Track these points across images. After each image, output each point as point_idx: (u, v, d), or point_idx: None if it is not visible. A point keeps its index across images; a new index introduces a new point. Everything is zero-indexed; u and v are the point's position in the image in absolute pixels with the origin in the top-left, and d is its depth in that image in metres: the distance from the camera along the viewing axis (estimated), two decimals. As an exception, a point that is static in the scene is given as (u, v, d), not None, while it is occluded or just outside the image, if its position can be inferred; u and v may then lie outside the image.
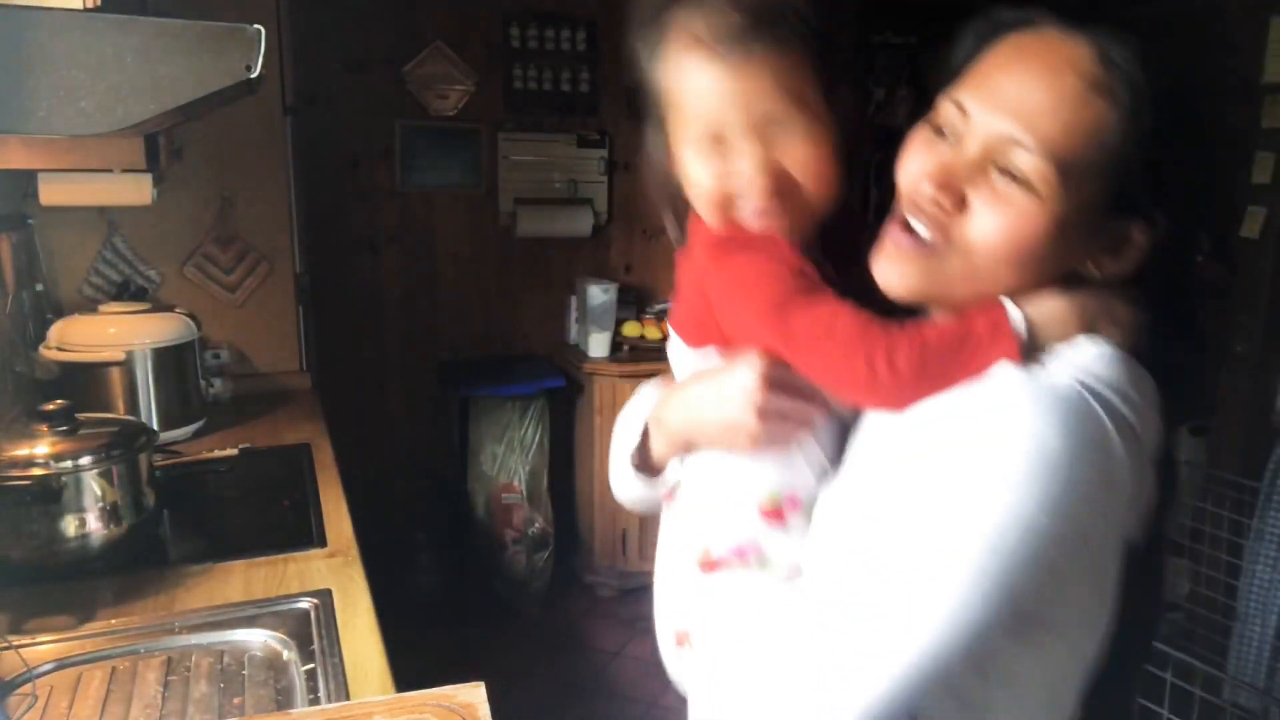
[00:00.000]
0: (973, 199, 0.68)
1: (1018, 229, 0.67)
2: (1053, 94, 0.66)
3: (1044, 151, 0.65)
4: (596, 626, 3.21)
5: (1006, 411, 0.64)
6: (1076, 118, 0.65)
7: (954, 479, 0.64)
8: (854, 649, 0.64)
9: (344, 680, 1.12)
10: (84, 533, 1.39)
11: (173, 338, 2.06)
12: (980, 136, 0.68)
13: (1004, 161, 0.67)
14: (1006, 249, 0.67)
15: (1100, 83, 0.66)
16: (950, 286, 0.71)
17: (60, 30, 0.81)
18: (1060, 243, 0.68)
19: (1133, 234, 0.69)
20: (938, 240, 0.69)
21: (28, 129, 0.86)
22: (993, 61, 0.71)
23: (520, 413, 3.28)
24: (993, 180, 0.68)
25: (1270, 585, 2.33)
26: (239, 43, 0.86)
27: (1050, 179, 0.65)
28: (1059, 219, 0.66)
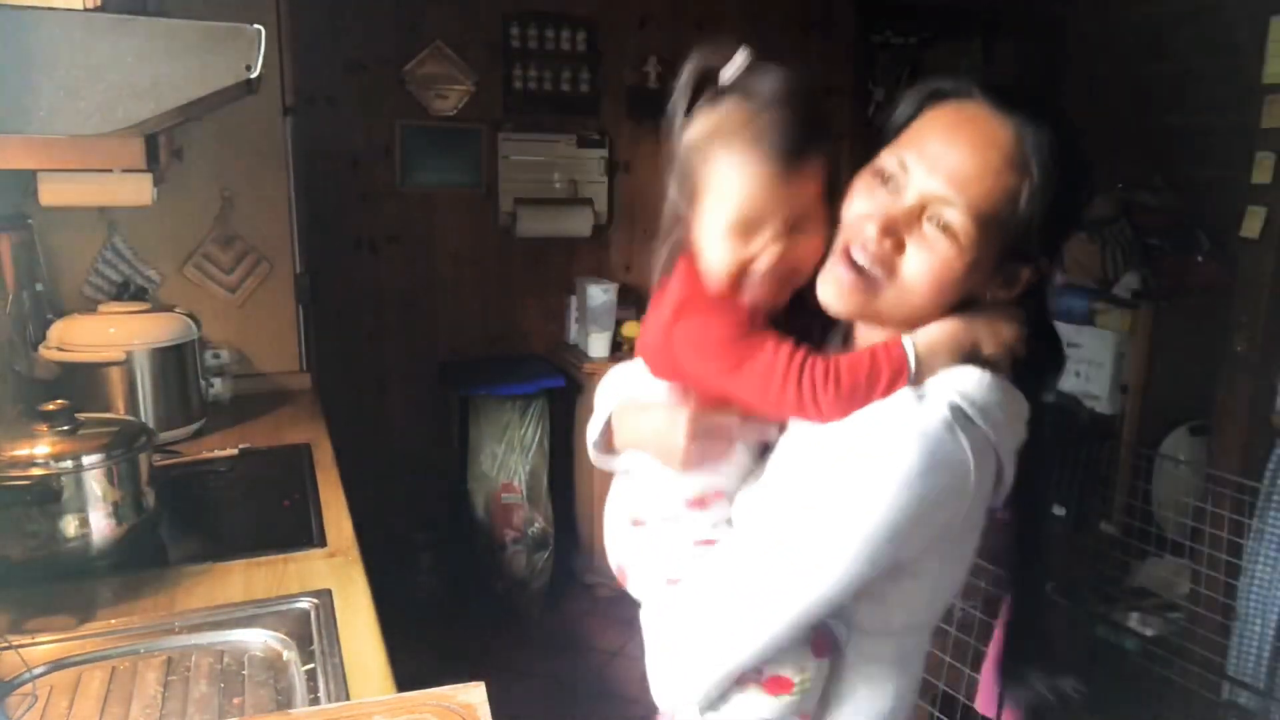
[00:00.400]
0: (908, 242, 0.84)
1: (942, 270, 0.84)
2: (979, 165, 0.82)
3: (968, 211, 0.82)
4: (596, 626, 3.21)
5: (888, 435, 0.81)
6: (995, 185, 0.82)
7: (844, 482, 0.81)
8: (752, 596, 0.84)
9: (344, 680, 1.12)
10: (84, 533, 1.39)
11: (173, 338, 2.06)
12: (917, 190, 0.84)
13: (936, 215, 0.83)
14: (931, 285, 0.84)
15: (1015, 160, 0.82)
16: (881, 310, 0.87)
17: (60, 30, 0.81)
18: (971, 280, 0.85)
19: (1021, 273, 0.88)
20: (876, 273, 0.85)
21: (28, 129, 0.86)
22: (932, 126, 0.86)
23: (520, 413, 3.28)
24: (924, 229, 0.84)
25: (1270, 585, 2.33)
26: (239, 43, 0.86)
27: (970, 233, 0.82)
28: (973, 262, 0.84)
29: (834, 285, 0.87)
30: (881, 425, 0.82)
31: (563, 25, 3.43)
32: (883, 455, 0.80)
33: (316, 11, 2.97)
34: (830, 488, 0.82)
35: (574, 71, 3.47)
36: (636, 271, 3.70)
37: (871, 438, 0.82)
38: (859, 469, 0.81)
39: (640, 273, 3.71)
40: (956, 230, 0.82)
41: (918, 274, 0.84)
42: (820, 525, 0.82)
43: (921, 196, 0.83)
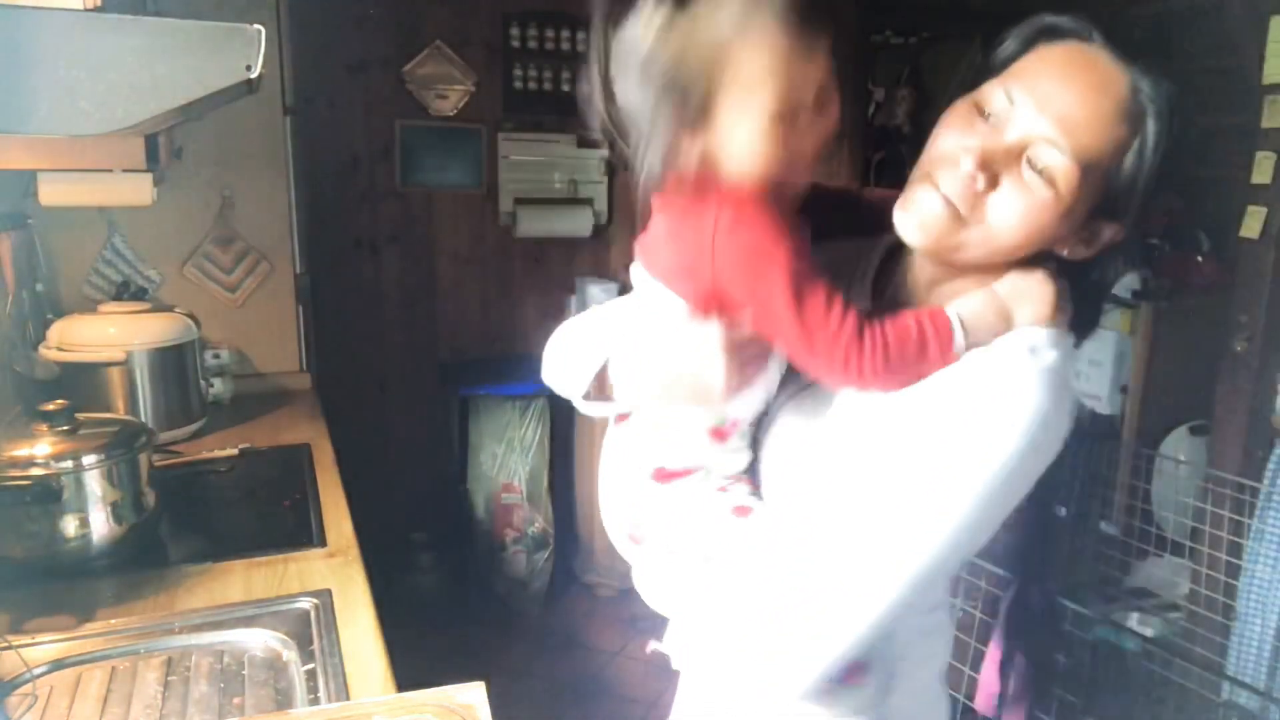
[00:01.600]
0: (1004, 181, 0.78)
1: (1035, 216, 0.78)
2: (1093, 111, 0.77)
3: (1073, 156, 0.76)
4: (596, 626, 3.21)
5: (1010, 379, 0.77)
6: (1105, 134, 0.77)
7: (969, 429, 0.77)
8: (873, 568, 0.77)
9: (344, 680, 1.12)
10: (84, 533, 1.39)
11: (173, 338, 2.06)
12: (1022, 129, 0.78)
13: (1037, 157, 0.77)
14: (1021, 230, 0.79)
15: (1129, 111, 0.77)
16: (963, 250, 0.81)
17: (60, 30, 0.81)
18: (1059, 230, 0.80)
19: (1103, 231, 0.82)
20: (965, 209, 0.79)
21: (28, 129, 0.86)
22: (1045, 64, 0.80)
23: (520, 413, 3.28)
24: (1023, 170, 0.78)
25: (1270, 585, 2.33)
26: (239, 43, 0.86)
27: (1072, 181, 0.77)
28: (1066, 213, 0.78)
29: (917, 216, 0.81)
30: (998, 372, 0.78)
31: (563, 25, 3.43)
32: (1009, 397, 0.76)
33: (316, 11, 2.97)
34: (952, 436, 0.77)
35: (574, 71, 3.47)
36: (636, 271, 3.69)
37: (990, 384, 0.78)
38: (984, 414, 0.76)
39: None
40: (1057, 176, 0.77)
41: (1009, 217, 0.78)
42: (952, 472, 0.76)
43: (1025, 135, 0.77)
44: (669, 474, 0.90)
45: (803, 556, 0.80)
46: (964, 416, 0.77)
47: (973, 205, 0.79)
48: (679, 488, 0.89)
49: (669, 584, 0.90)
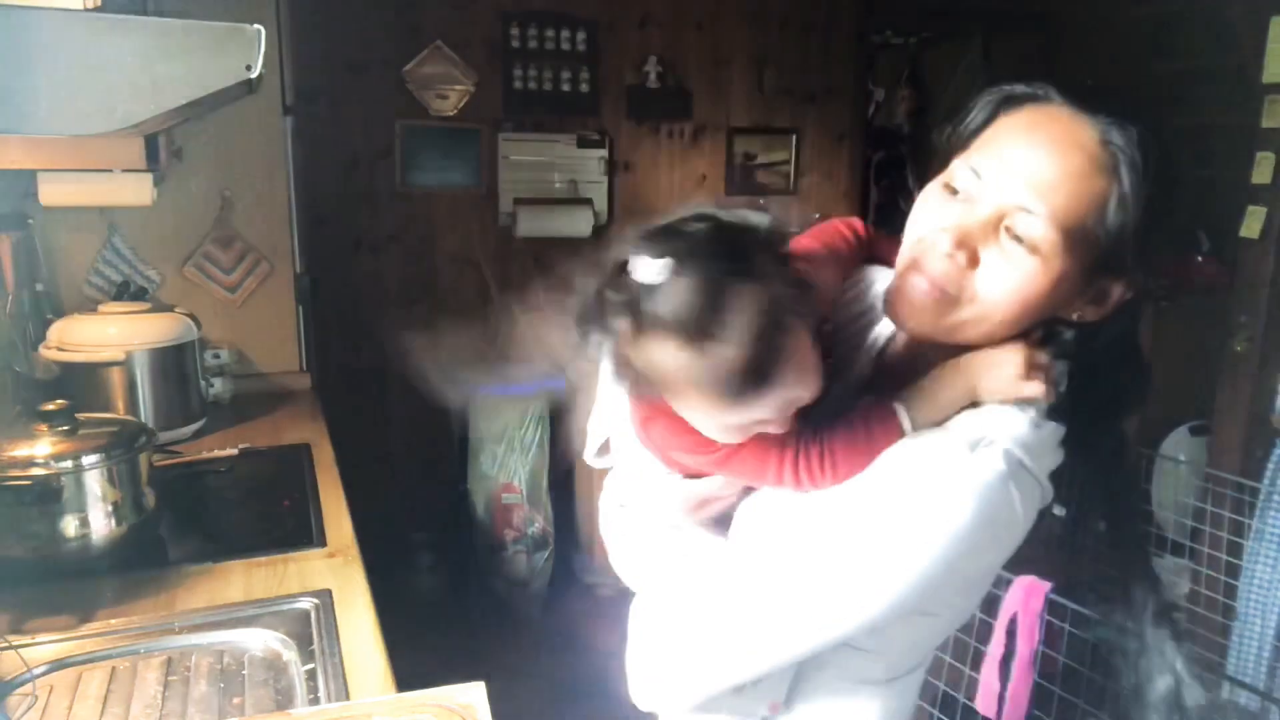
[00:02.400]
0: (983, 257, 0.77)
1: (1023, 286, 0.76)
2: (1062, 169, 0.74)
3: (1051, 220, 0.74)
4: (596, 626, 3.21)
5: (941, 488, 0.76)
6: (1080, 191, 0.74)
7: (887, 527, 0.76)
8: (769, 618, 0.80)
9: (344, 680, 1.12)
10: (84, 533, 1.39)
11: (173, 338, 2.06)
12: (994, 201, 0.76)
13: (1014, 225, 0.75)
14: (1012, 302, 0.77)
15: (1102, 162, 0.74)
16: (961, 330, 0.80)
17: (60, 30, 0.81)
18: (1056, 297, 0.77)
19: (1112, 289, 0.80)
20: (953, 289, 0.77)
21: (28, 129, 0.86)
22: (1006, 132, 0.79)
23: (520, 413, 3.28)
24: (1002, 241, 0.76)
25: (1270, 585, 2.33)
26: (239, 43, 0.86)
27: (1054, 244, 0.74)
28: (1058, 278, 0.76)
29: (906, 304, 0.80)
30: (933, 475, 0.77)
31: (563, 25, 3.42)
32: (934, 507, 0.75)
33: (316, 11, 2.97)
34: (872, 530, 0.77)
35: (574, 71, 3.47)
36: (636, 271, 3.69)
37: (922, 487, 0.76)
38: (905, 516, 0.76)
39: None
40: (1038, 242, 0.74)
41: (997, 291, 0.76)
42: (857, 564, 0.77)
43: (999, 206, 0.76)
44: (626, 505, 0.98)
45: (727, 587, 0.82)
46: (889, 507, 0.77)
47: (959, 285, 0.77)
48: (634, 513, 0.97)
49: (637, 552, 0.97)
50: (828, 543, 0.79)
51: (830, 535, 0.79)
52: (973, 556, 0.78)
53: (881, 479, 0.79)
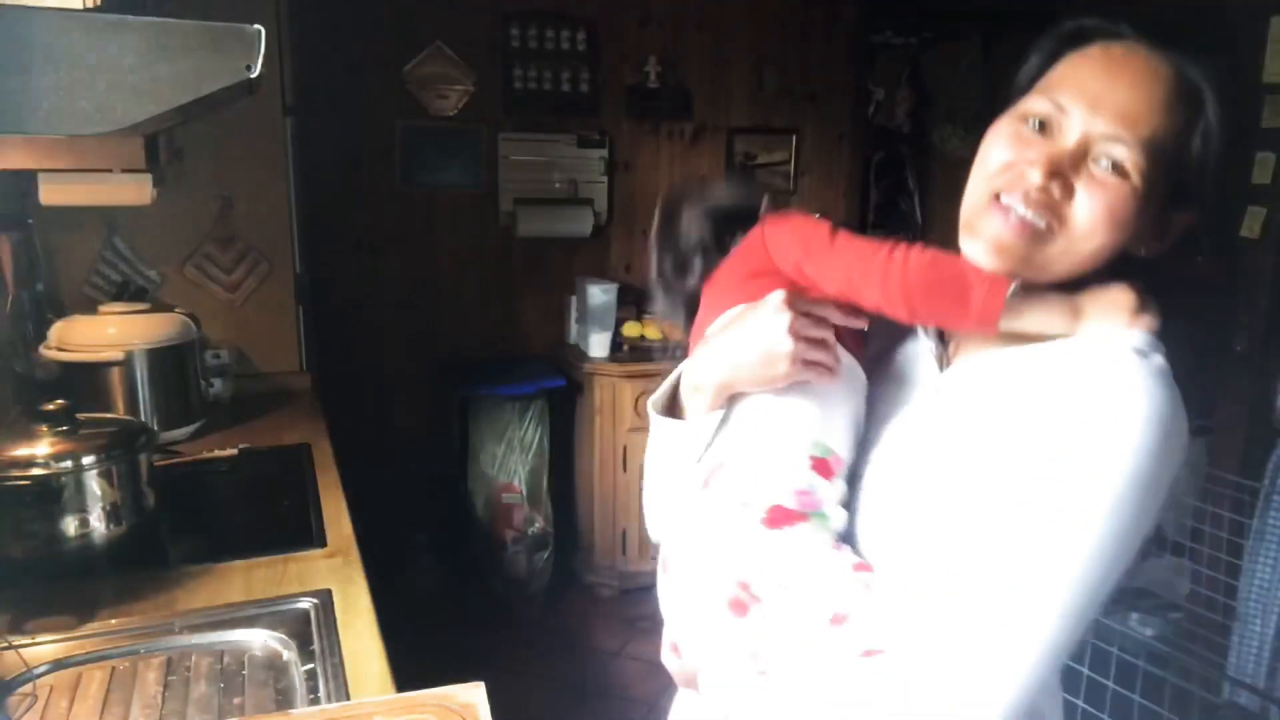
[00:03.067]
0: (1077, 185, 0.77)
1: (1117, 209, 0.76)
2: (1146, 101, 0.76)
3: (1139, 147, 0.76)
4: (596, 626, 3.21)
5: (1129, 389, 0.73)
6: (1165, 120, 0.76)
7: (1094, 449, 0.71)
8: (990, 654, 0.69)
9: (344, 680, 1.12)
10: (84, 533, 1.39)
11: (173, 338, 2.06)
12: (1080, 130, 0.77)
13: (1103, 153, 0.76)
14: (1106, 226, 0.77)
15: (1184, 95, 0.77)
16: (1050, 263, 0.79)
17: (60, 30, 0.81)
18: (1138, 226, 0.78)
19: (1174, 220, 0.80)
20: (1043, 221, 0.77)
21: (28, 129, 0.86)
22: (1084, 68, 0.79)
23: (520, 413, 3.28)
24: (1092, 170, 0.77)
25: (1270, 585, 2.33)
26: (239, 43, 0.86)
27: (1143, 168, 0.76)
28: (1142, 204, 0.77)
29: (992, 239, 0.78)
30: (1111, 375, 0.74)
31: (563, 25, 3.43)
32: (1130, 400, 0.72)
33: (316, 11, 2.97)
34: (1077, 449, 0.71)
35: (574, 71, 3.47)
36: (636, 271, 3.70)
37: (1106, 387, 0.73)
38: (1108, 420, 0.71)
39: (640, 273, 3.71)
40: (1128, 167, 0.75)
41: (1091, 216, 0.76)
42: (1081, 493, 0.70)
43: (1085, 135, 0.76)
44: (785, 514, 0.79)
45: (946, 619, 0.71)
46: (1085, 426, 0.72)
47: (1051, 216, 0.77)
48: (793, 535, 0.79)
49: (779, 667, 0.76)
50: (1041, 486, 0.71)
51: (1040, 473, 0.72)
52: (1174, 453, 0.74)
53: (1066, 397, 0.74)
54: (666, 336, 3.35)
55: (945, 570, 0.73)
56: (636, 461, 3.23)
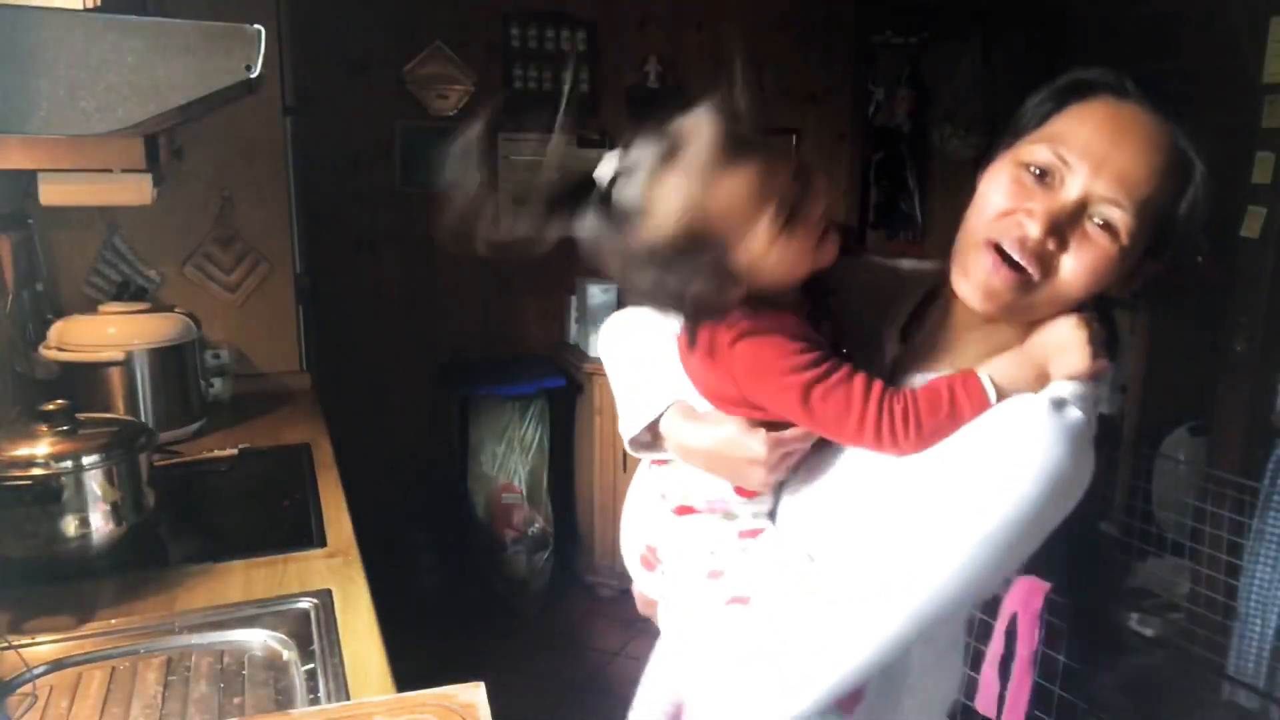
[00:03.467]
0: (1071, 241, 0.81)
1: (1104, 268, 0.81)
2: (1147, 168, 0.80)
3: (1135, 212, 0.80)
4: (596, 626, 3.21)
5: (1032, 434, 0.78)
6: (1159, 186, 0.80)
7: (982, 480, 0.78)
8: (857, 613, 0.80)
9: (344, 680, 1.12)
10: (84, 533, 1.39)
11: (173, 338, 2.06)
12: (1081, 187, 0.81)
13: (1099, 212, 0.80)
14: (1091, 283, 0.82)
15: (1175, 163, 0.81)
16: (1032, 310, 0.84)
17: (60, 30, 0.81)
18: (1119, 277, 0.83)
19: (1147, 268, 0.85)
20: (1034, 271, 0.81)
21: (28, 129, 0.86)
22: (1091, 125, 0.82)
23: (520, 413, 3.28)
24: (1088, 229, 0.81)
25: (1270, 585, 2.33)
26: (239, 43, 0.86)
27: (1133, 233, 0.80)
28: (1127, 263, 0.82)
29: (982, 283, 0.83)
30: (1022, 425, 0.79)
31: (563, 25, 3.43)
32: (1028, 452, 0.77)
33: (316, 11, 2.97)
34: (970, 484, 0.78)
35: (574, 71, 3.47)
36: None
37: (1011, 435, 0.79)
38: (1004, 464, 0.78)
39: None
40: (1120, 229, 0.80)
41: (1079, 273, 0.81)
42: (966, 518, 0.78)
43: (1086, 194, 0.80)
44: (689, 510, 0.94)
45: (814, 581, 0.83)
46: (984, 465, 0.78)
47: (1040, 267, 0.81)
48: (696, 521, 0.93)
49: (679, 610, 0.95)
50: (927, 506, 0.79)
51: (930, 497, 0.80)
52: (1063, 504, 0.80)
53: (974, 439, 0.80)
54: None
55: (826, 550, 0.85)
56: (636, 461, 3.22)
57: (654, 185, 0.83)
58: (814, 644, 0.80)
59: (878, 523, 0.82)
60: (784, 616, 0.83)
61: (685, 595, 0.94)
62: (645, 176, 0.84)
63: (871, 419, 0.81)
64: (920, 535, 0.79)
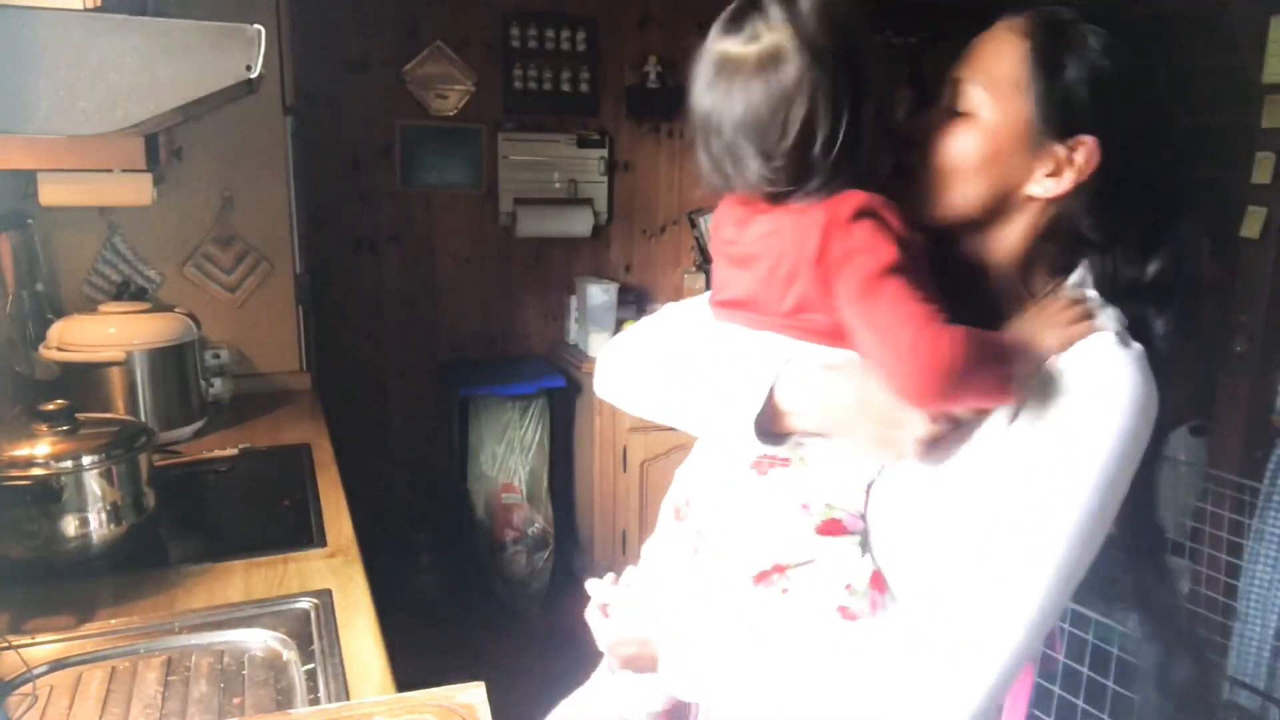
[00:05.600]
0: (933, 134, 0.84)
1: (962, 145, 0.82)
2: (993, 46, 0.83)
3: (981, 84, 0.82)
4: (596, 626, 3.21)
5: (1109, 370, 0.77)
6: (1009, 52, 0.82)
7: (1073, 432, 0.76)
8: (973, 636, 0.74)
9: (344, 680, 1.12)
10: (84, 533, 1.39)
11: (173, 338, 2.06)
12: (945, 90, 0.86)
13: (952, 97, 0.84)
14: (955, 160, 0.83)
15: (1047, 36, 0.81)
16: (936, 202, 0.84)
17: (60, 30, 0.81)
18: (1003, 158, 0.82)
19: (1063, 153, 0.81)
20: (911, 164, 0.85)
21: (28, 129, 0.86)
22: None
23: (520, 413, 3.28)
24: (944, 114, 0.84)
25: (1270, 585, 2.33)
26: (239, 43, 0.86)
27: (992, 104, 0.81)
28: (993, 134, 0.82)
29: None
30: (1102, 363, 0.78)
31: (563, 25, 3.42)
32: (1115, 386, 0.76)
33: (316, 11, 2.97)
34: (1058, 434, 0.75)
35: (574, 71, 3.47)
36: (636, 271, 3.70)
37: (1095, 375, 0.77)
38: (1096, 407, 0.76)
39: (640, 273, 3.71)
40: (969, 102, 0.82)
41: (943, 154, 0.83)
42: (1072, 473, 0.74)
43: (947, 92, 0.84)
44: (835, 529, 0.82)
45: (925, 616, 0.77)
46: (1078, 410, 0.76)
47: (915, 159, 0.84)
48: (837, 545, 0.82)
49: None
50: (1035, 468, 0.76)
51: (1034, 457, 0.76)
52: (1145, 437, 0.78)
53: (1056, 386, 0.78)
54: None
55: (944, 553, 0.78)
56: (636, 461, 3.22)
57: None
58: (944, 680, 0.74)
59: (986, 506, 0.77)
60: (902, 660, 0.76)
61: (799, 624, 0.81)
62: None
63: (924, 332, 0.72)
64: (1037, 498, 0.75)
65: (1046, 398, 0.78)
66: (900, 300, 0.74)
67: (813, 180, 0.78)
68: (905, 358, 0.73)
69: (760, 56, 0.79)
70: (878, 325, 0.75)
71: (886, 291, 0.74)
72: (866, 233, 0.76)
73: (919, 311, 0.73)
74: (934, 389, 0.74)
